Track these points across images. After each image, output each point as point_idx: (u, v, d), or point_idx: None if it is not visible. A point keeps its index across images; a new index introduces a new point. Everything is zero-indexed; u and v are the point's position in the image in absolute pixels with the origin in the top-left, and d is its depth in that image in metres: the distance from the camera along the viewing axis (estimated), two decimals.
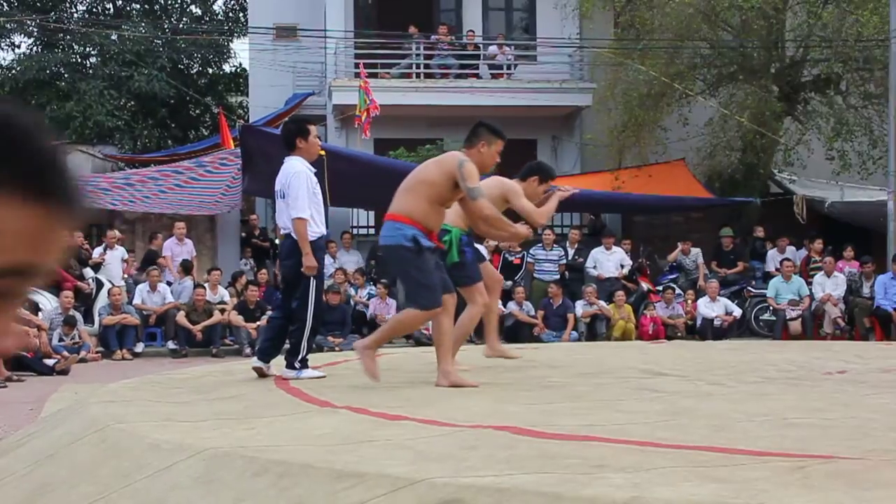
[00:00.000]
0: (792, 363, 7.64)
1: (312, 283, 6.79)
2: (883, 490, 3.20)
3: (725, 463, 3.59)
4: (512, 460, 3.67)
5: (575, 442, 4.04)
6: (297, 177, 6.80)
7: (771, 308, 15.26)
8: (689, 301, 15.29)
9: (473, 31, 20.45)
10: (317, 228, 6.87)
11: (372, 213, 19.26)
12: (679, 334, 14.72)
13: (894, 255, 14.88)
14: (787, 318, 14.92)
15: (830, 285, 15.12)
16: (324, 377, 6.79)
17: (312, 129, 7.07)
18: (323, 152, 7.18)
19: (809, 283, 15.38)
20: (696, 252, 16.59)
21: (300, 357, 6.85)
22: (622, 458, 3.69)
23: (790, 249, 16.68)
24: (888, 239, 15.41)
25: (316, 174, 7.03)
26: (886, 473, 3.44)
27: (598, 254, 15.85)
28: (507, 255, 15.60)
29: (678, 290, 15.67)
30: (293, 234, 6.80)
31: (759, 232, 17.85)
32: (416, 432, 4.33)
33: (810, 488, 3.22)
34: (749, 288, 16.11)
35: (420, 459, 3.73)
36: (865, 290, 15.12)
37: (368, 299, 15.11)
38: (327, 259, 15.79)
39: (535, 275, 15.57)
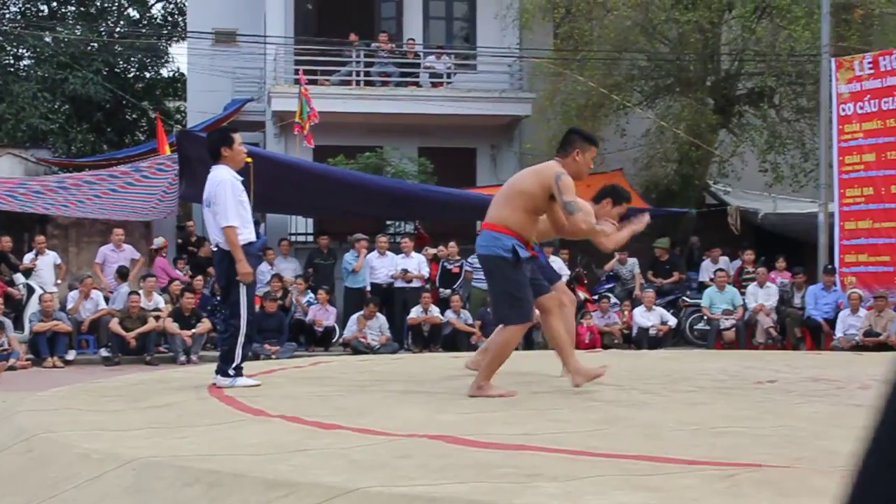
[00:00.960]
0: (724, 372, 7.74)
1: (243, 290, 6.75)
2: (809, 498, 3.26)
3: (656, 471, 3.63)
4: (446, 469, 3.67)
5: (509, 451, 4.06)
6: (222, 185, 6.78)
7: (705, 317, 15.45)
8: (625, 311, 15.42)
9: (414, 40, 20.47)
10: (246, 235, 6.84)
11: (311, 221, 19.17)
12: (615, 343, 14.84)
13: (824, 266, 15.14)
14: (721, 327, 15.12)
15: (763, 295, 15.34)
16: (258, 385, 6.74)
17: (237, 137, 7.05)
18: (250, 159, 7.13)
19: (743, 293, 15.59)
20: (632, 262, 16.74)
21: (234, 365, 6.79)
22: (555, 466, 3.71)
23: (724, 260, 16.91)
24: (818, 250, 15.68)
25: (242, 182, 7.00)
26: (813, 481, 3.50)
27: None
28: (445, 264, 15.62)
29: (614, 300, 15.80)
30: (221, 245, 6.79)
31: (696, 242, 18.08)
32: (351, 441, 4.32)
33: (739, 496, 3.26)
34: (684, 298, 16.29)
35: (354, 468, 3.72)
36: (797, 301, 15.37)
37: (308, 306, 15.02)
38: (264, 266, 15.73)
39: (473, 283, 15.59)
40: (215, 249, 6.94)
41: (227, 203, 6.74)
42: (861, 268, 14.89)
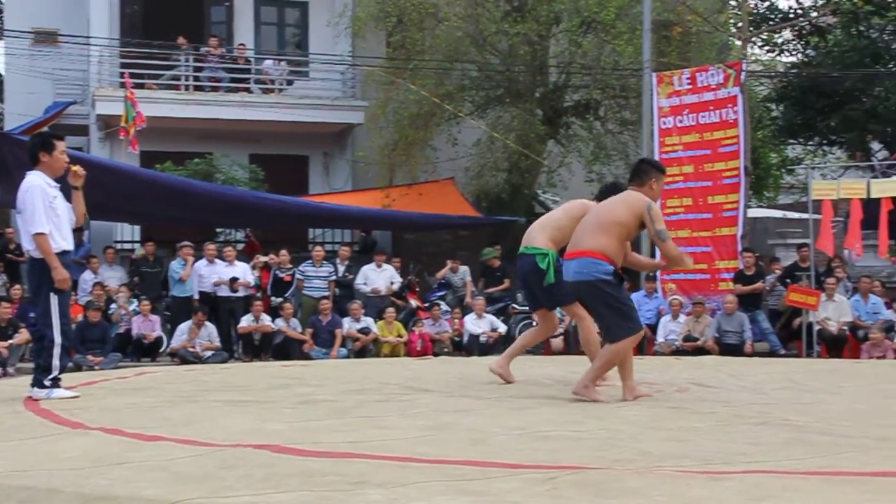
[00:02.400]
0: (550, 378, 7.92)
1: (54, 299, 6.53)
2: (627, 498, 3.36)
3: (480, 476, 3.68)
4: (271, 479, 3.64)
5: (335, 459, 4.05)
6: (30, 192, 6.58)
7: (534, 324, 15.72)
8: (456, 318, 15.57)
9: (244, 45, 20.21)
10: (59, 243, 6.62)
11: (137, 228, 18.66)
12: (446, 350, 14.96)
13: (646, 274, 15.66)
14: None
15: None
16: (77, 397, 6.51)
17: (59, 144, 6.82)
18: (75, 167, 6.89)
19: None
20: (464, 270, 16.92)
21: (51, 377, 6.55)
22: (382, 473, 3.73)
23: None
24: None
25: (61, 189, 6.77)
26: (630, 482, 3.61)
27: (368, 270, 15.92)
28: (277, 272, 15.44)
29: (445, 307, 15.94)
30: (32, 253, 6.57)
31: None
32: (173, 453, 4.22)
33: (558, 498, 3.34)
34: (514, 305, 16.56)
35: (176, 481, 3.64)
36: None
37: (133, 316, 14.59)
38: (87, 274, 15.21)
39: (304, 291, 15.48)
40: (28, 258, 6.71)
41: (37, 210, 6.52)
42: (680, 275, 15.44)
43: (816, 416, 5.67)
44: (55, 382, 6.58)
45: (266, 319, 14.36)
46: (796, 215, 19.90)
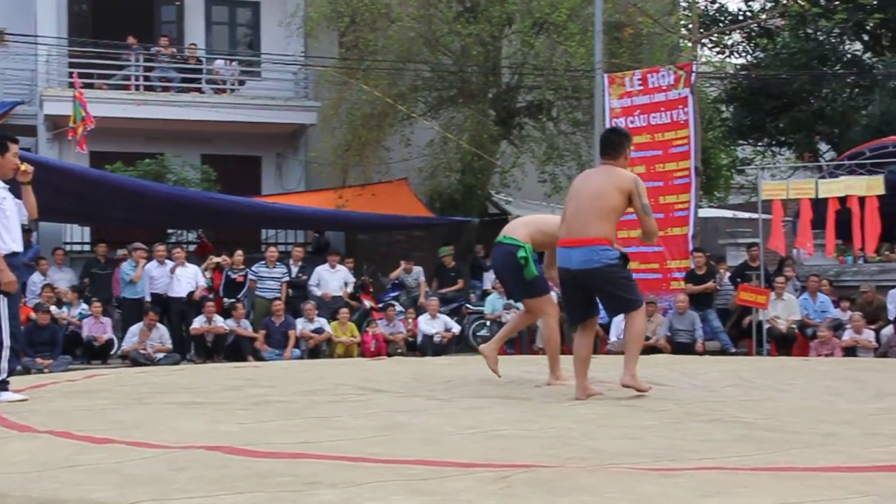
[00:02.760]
0: (505, 377, 7.93)
1: (3, 301, 6.44)
2: (578, 495, 3.39)
3: (433, 475, 3.69)
4: (223, 480, 3.62)
5: (288, 460, 4.04)
6: None
7: (488, 324, 15.77)
8: (410, 318, 15.57)
9: (196, 45, 20.05)
10: (8, 245, 6.52)
11: (87, 229, 18.45)
12: (400, 351, 14.96)
13: None
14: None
15: None
16: (25, 400, 6.43)
17: (13, 146, 6.75)
18: (23, 167, 6.80)
19: None
20: (417, 270, 16.93)
21: None
22: (334, 474, 3.72)
23: None
24: None
25: (11, 190, 6.69)
26: (581, 479, 3.64)
27: (322, 271, 15.87)
28: (229, 273, 15.34)
29: (400, 308, 15.94)
30: None
31: (480, 251, 18.46)
32: (124, 455, 4.19)
33: (511, 496, 3.36)
34: (467, 305, 16.60)
35: (126, 483, 3.61)
36: None
37: (81, 319, 14.42)
38: (36, 276, 15.00)
39: (257, 292, 15.39)
40: None
41: None
42: (633, 275, 15.55)
43: (765, 413, 5.74)
44: (3, 385, 6.49)
45: (218, 321, 14.26)
46: (746, 215, 20.14)
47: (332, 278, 15.80)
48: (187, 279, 14.87)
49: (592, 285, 6.58)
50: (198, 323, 14.22)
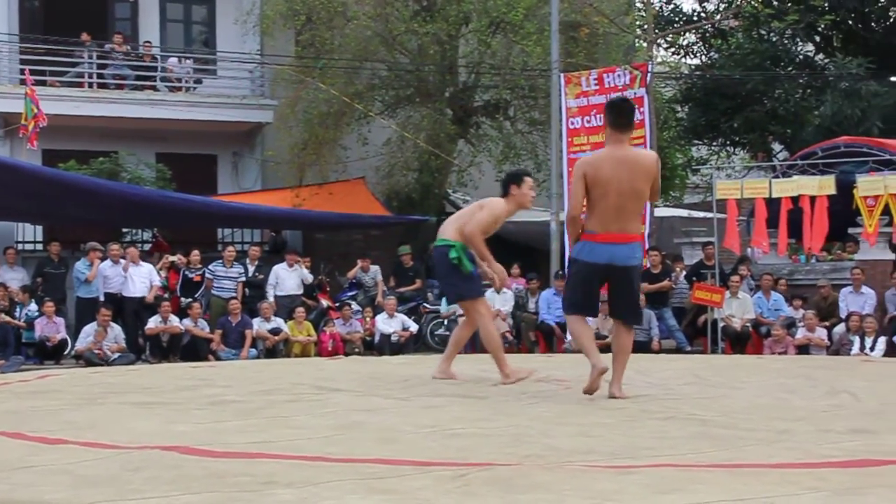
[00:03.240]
0: (461, 375, 7.94)
1: None
2: (535, 493, 3.40)
3: (391, 474, 3.69)
4: (178, 481, 3.59)
5: (244, 460, 4.01)
6: None
7: (446, 323, 15.79)
8: (368, 318, 15.55)
9: (150, 42, 19.88)
10: None
11: (40, 228, 18.23)
12: (357, 350, 14.93)
13: (556, 272, 15.83)
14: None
15: (500, 301, 15.83)
16: None
17: None
18: None
19: None
20: (375, 269, 16.90)
21: None
22: (291, 473, 3.71)
23: None
24: (551, 257, 16.39)
25: None
26: (539, 477, 3.65)
27: (279, 270, 15.80)
28: (186, 273, 15.24)
29: (357, 307, 15.90)
30: None
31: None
32: (78, 456, 4.14)
33: (469, 494, 3.36)
34: (425, 304, 16.60)
35: (80, 484, 3.57)
36: (531, 306, 15.97)
37: (34, 319, 14.25)
38: None
39: (213, 291, 15.29)
40: None
41: None
42: None
43: (720, 410, 5.80)
44: None
45: (174, 320, 14.15)
46: (701, 214, 20.30)
47: (290, 277, 15.74)
48: (141, 278, 14.74)
49: (621, 281, 6.34)
50: (153, 323, 14.10)
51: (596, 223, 6.26)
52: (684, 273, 15.57)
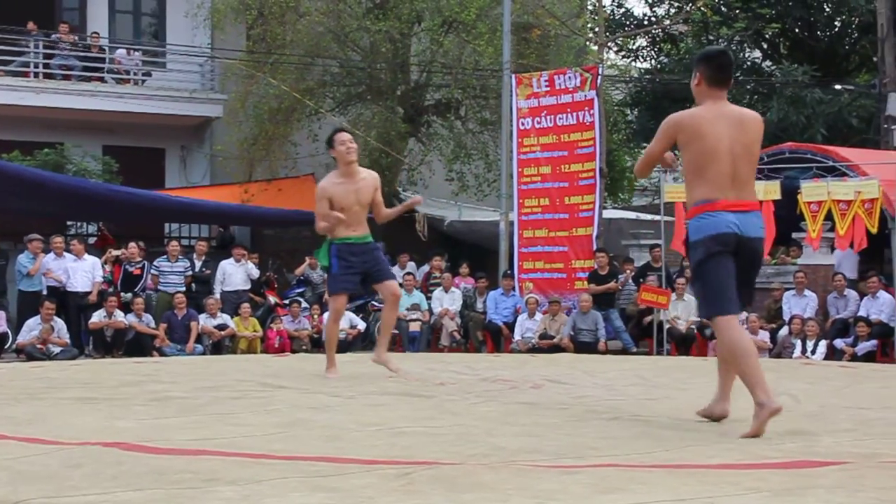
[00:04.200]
0: (409, 374, 7.93)
1: None
2: (479, 492, 3.41)
3: (335, 472, 3.67)
4: (119, 477, 3.55)
5: (187, 456, 3.98)
6: None
7: None
8: (315, 315, 15.48)
9: (98, 33, 19.63)
10: None
11: None
12: (304, 347, 14.86)
13: (504, 272, 15.89)
14: (408, 330, 15.45)
15: (448, 300, 15.88)
16: None
17: None
18: None
19: (429, 298, 16.06)
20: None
21: None
22: (234, 471, 3.68)
23: (411, 265, 17.35)
24: (499, 257, 16.45)
25: None
26: (483, 476, 3.66)
27: (227, 266, 15.68)
28: (126, 267, 15.07)
29: (304, 304, 15.83)
30: None
31: (383, 248, 18.43)
32: (16, 452, 4.08)
33: (413, 493, 3.36)
34: (373, 302, 16.54)
35: (18, 480, 3.52)
36: (479, 305, 16.01)
37: None
38: None
39: (159, 286, 15.15)
40: None
41: None
42: (538, 274, 15.75)
43: (664, 411, 5.85)
44: None
45: (119, 315, 14.00)
46: (649, 217, 20.45)
47: (237, 273, 15.63)
48: (84, 272, 14.55)
49: (749, 260, 5.08)
50: (97, 317, 13.94)
51: (708, 190, 5.02)
52: (633, 274, 15.69)
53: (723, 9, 22.33)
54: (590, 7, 21.85)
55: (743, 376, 4.85)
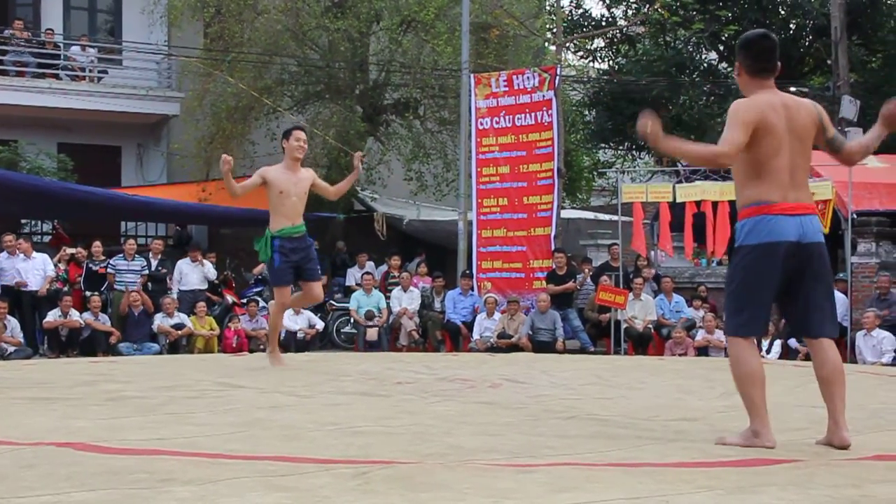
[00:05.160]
0: (366, 374, 7.94)
1: None
2: (436, 491, 3.42)
3: (292, 472, 3.67)
4: (74, 478, 3.52)
5: (142, 456, 3.95)
6: None
7: (352, 321, 15.75)
8: None
9: (52, 30, 19.41)
10: None
11: None
12: (262, 347, 14.76)
13: (462, 272, 15.91)
14: (367, 337, 15.37)
15: (406, 299, 15.87)
16: None
17: None
18: None
19: (388, 298, 16.04)
20: None
21: None
22: (190, 471, 3.66)
23: (370, 264, 17.33)
24: (458, 256, 16.47)
25: None
26: (440, 475, 3.67)
27: (183, 266, 15.57)
28: (90, 265, 14.93)
29: (262, 303, 15.75)
30: None
31: (342, 247, 18.42)
32: None
33: (369, 492, 3.37)
34: (331, 301, 16.52)
35: None
36: (437, 305, 16.02)
37: None
38: None
39: (115, 285, 15.01)
40: None
41: None
42: (496, 274, 15.79)
43: (620, 410, 5.89)
44: None
45: (74, 314, 13.86)
46: (607, 217, 20.58)
47: (194, 272, 15.52)
48: (36, 270, 14.37)
49: (816, 271, 4.51)
50: (52, 316, 13.79)
51: (768, 190, 4.50)
52: (591, 274, 15.76)
53: (680, 10, 22.52)
54: (548, 8, 21.92)
55: (744, 400, 4.61)
